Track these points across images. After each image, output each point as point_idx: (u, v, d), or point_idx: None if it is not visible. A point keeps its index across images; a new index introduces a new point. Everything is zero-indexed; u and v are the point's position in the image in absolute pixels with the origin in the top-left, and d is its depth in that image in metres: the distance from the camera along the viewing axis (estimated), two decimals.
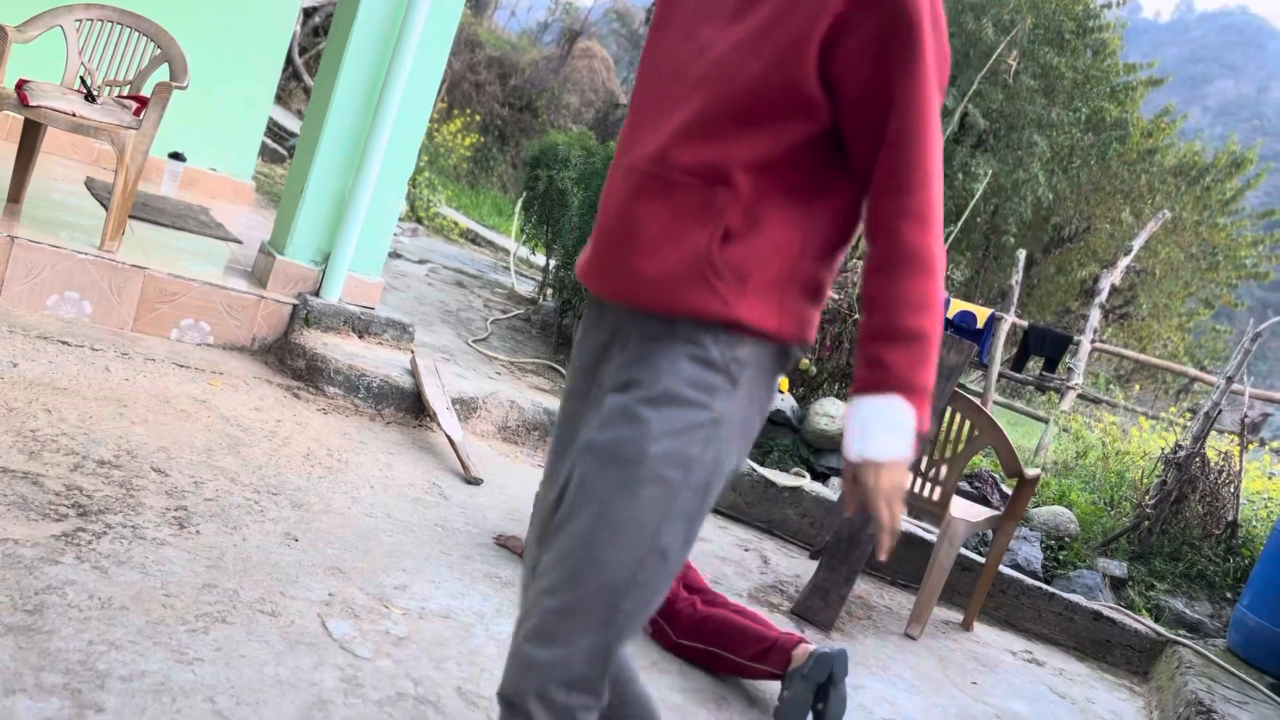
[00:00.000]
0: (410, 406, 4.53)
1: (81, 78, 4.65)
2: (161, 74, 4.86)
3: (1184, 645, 4.46)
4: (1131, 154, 20.83)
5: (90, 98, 4.40)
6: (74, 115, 4.25)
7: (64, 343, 3.92)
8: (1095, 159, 20.20)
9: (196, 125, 7.15)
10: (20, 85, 4.27)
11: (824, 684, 2.81)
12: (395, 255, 8.02)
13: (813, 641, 2.93)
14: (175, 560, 2.60)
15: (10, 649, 2.00)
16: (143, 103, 4.41)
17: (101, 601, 2.29)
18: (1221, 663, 4.31)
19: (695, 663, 3.04)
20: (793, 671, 2.81)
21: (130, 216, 5.18)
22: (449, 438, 4.28)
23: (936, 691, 3.53)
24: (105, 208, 4.48)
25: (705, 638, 3.00)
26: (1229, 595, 5.36)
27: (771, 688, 3.06)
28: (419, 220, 10.76)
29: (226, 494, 3.12)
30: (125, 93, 4.76)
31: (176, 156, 6.99)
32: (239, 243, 5.76)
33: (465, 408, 4.71)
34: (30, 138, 4.62)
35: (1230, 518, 5.63)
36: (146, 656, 2.13)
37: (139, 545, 2.61)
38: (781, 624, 3.45)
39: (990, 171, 14.51)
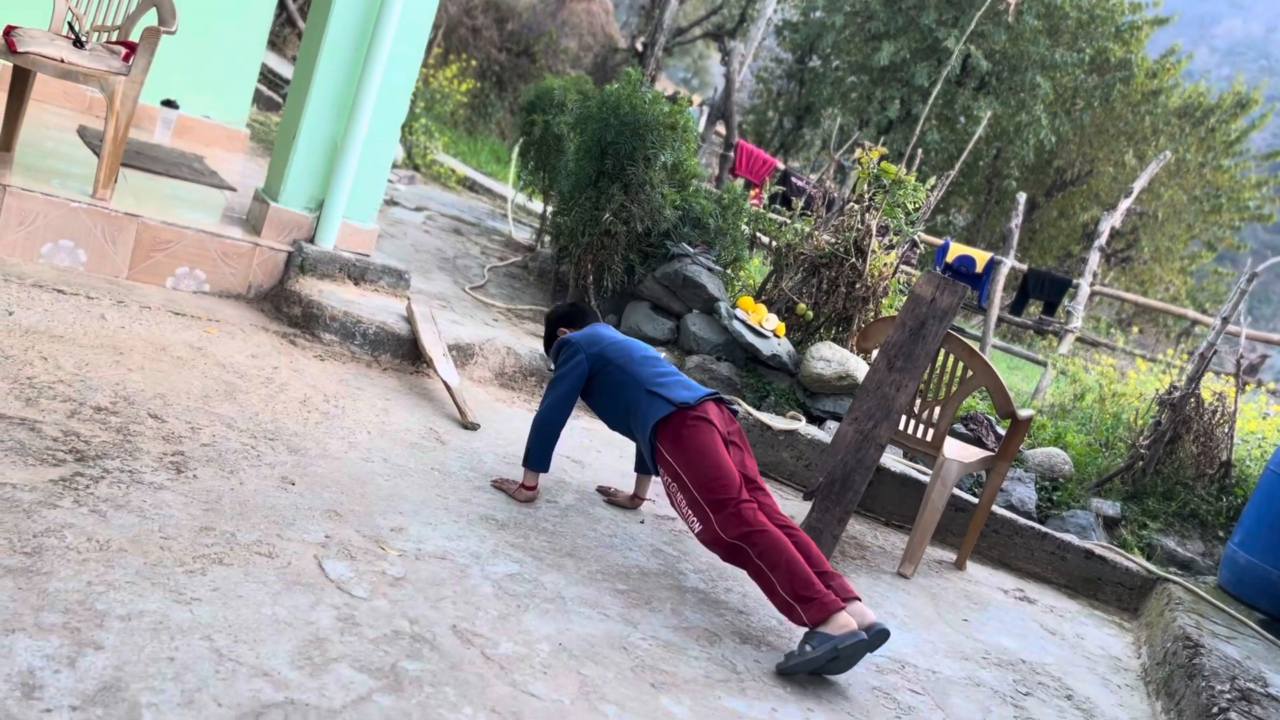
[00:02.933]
0: (407, 353, 4.55)
1: (69, 23, 4.60)
2: (150, 19, 4.81)
3: (1174, 582, 4.52)
4: (1135, 95, 20.62)
5: (79, 43, 4.35)
6: (62, 61, 4.21)
7: (59, 291, 3.93)
8: (1099, 100, 20.00)
9: (189, 73, 7.09)
10: (8, 31, 4.23)
11: (849, 655, 2.77)
12: (392, 203, 7.99)
13: (857, 613, 2.84)
14: (173, 504, 2.63)
15: (9, 590, 2.04)
16: (131, 48, 4.37)
17: (100, 544, 2.32)
18: (1211, 599, 4.37)
19: (731, 562, 3.00)
20: (825, 634, 2.76)
21: (123, 164, 5.16)
22: (445, 384, 4.31)
23: (928, 629, 3.58)
24: (98, 156, 4.46)
25: (755, 548, 2.92)
26: (1221, 534, 5.42)
27: (766, 624, 3.11)
28: (416, 167, 10.70)
29: (223, 439, 3.15)
30: (114, 38, 4.71)
31: (169, 104, 6.95)
32: (233, 190, 5.74)
33: (462, 354, 4.72)
34: (20, 85, 4.58)
35: (1224, 457, 5.66)
36: (145, 597, 2.17)
37: (136, 489, 2.64)
38: None
39: (992, 113, 14.37)
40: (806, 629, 2.83)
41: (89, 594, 2.11)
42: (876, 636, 2.82)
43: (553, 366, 3.57)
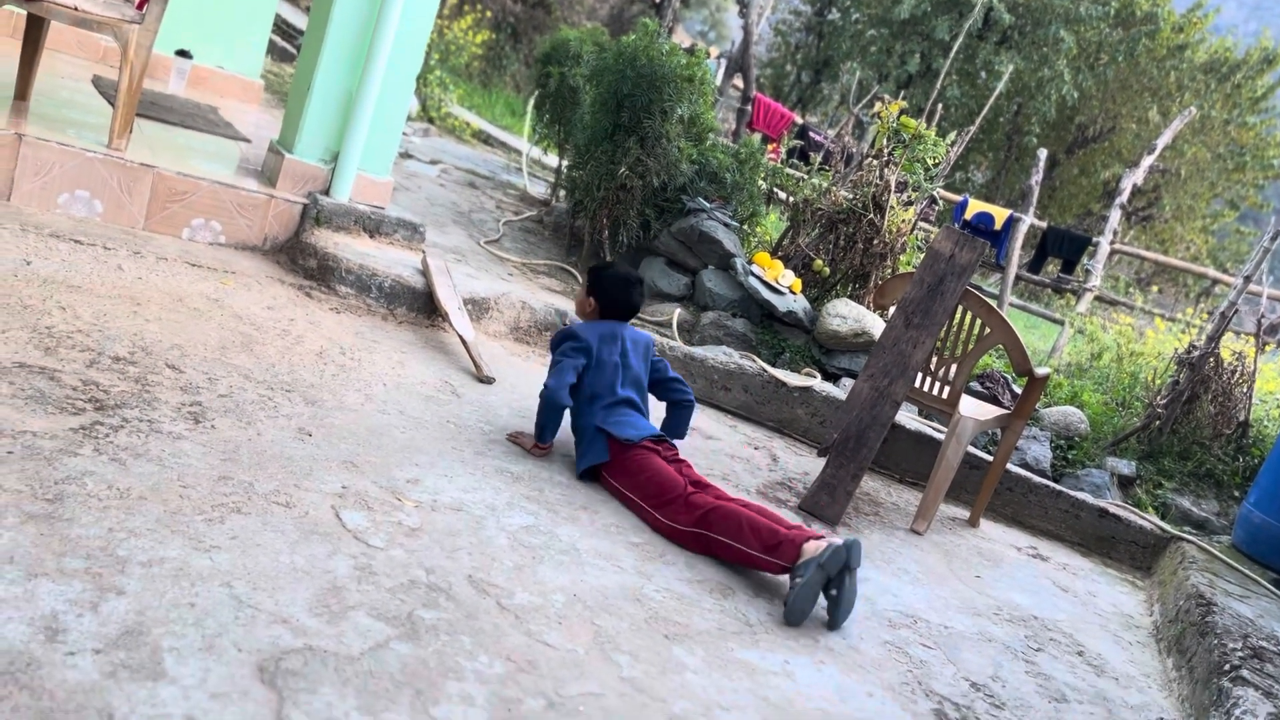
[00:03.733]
0: (422, 306, 4.55)
1: None
2: None
3: (1188, 541, 4.52)
4: (1161, 50, 20.28)
5: None
6: (76, 9, 4.18)
7: (76, 241, 3.93)
8: (1123, 55, 19.67)
9: (203, 22, 7.04)
10: None
11: (838, 573, 2.88)
12: (407, 155, 7.96)
13: (824, 537, 2.98)
14: (191, 453, 2.65)
15: (32, 535, 2.06)
16: None
17: (120, 492, 2.34)
18: (1225, 558, 4.37)
19: (701, 552, 3.11)
20: (806, 561, 2.87)
21: (138, 115, 5.14)
22: (461, 337, 4.31)
23: (940, 584, 3.60)
24: (113, 105, 4.45)
25: (713, 527, 3.06)
26: (1236, 494, 5.41)
27: (780, 579, 3.12)
28: (430, 120, 10.64)
29: (240, 390, 3.16)
30: None
31: (183, 54, 6.90)
32: (248, 142, 5.72)
33: (477, 308, 4.72)
34: (34, 33, 4.56)
35: (1242, 418, 5.63)
36: (165, 544, 2.19)
37: (155, 439, 2.66)
38: (791, 518, 3.50)
39: (1014, 68, 14.14)
40: (789, 573, 2.93)
41: (110, 540, 2.14)
42: (850, 546, 2.88)
43: (552, 352, 3.62)
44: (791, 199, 6.59)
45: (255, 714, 1.78)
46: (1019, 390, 5.72)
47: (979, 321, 4.13)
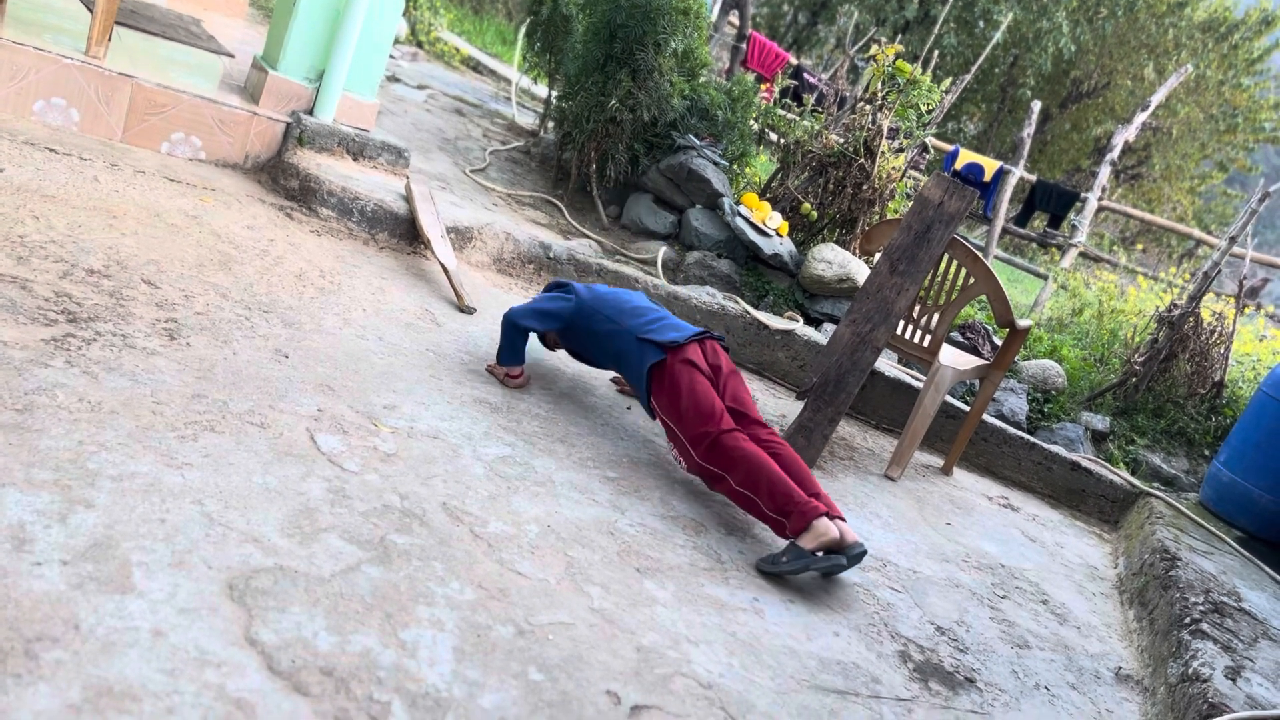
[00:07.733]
0: (404, 233, 4.49)
1: None
2: None
3: (1156, 497, 4.57)
4: (1160, 6, 20.07)
5: None
6: None
7: (51, 150, 3.85)
8: (1123, 10, 19.45)
9: None
10: None
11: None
12: (393, 79, 7.81)
13: (835, 524, 2.86)
14: (165, 370, 2.62)
15: (0, 444, 2.04)
16: None
17: (91, 405, 2.31)
18: (1192, 515, 4.42)
19: (714, 488, 3.04)
20: (800, 549, 2.80)
21: (118, 23, 5.00)
22: (443, 266, 4.27)
23: (911, 530, 3.63)
24: (91, 11, 4.32)
25: (734, 474, 2.96)
26: (1206, 453, 5.47)
27: (750, 518, 3.14)
28: (419, 44, 10.42)
29: (217, 309, 3.12)
30: None
31: None
32: (231, 56, 5.58)
33: (460, 237, 4.67)
34: None
35: (1217, 378, 5.68)
36: (136, 459, 2.17)
37: (129, 353, 2.63)
38: None
39: (1012, 17, 13.95)
40: (789, 541, 2.87)
41: (80, 453, 2.11)
42: (854, 558, 2.84)
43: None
44: (782, 140, 6.51)
45: (223, 630, 1.77)
46: (999, 342, 5.74)
47: (964, 271, 4.12)
